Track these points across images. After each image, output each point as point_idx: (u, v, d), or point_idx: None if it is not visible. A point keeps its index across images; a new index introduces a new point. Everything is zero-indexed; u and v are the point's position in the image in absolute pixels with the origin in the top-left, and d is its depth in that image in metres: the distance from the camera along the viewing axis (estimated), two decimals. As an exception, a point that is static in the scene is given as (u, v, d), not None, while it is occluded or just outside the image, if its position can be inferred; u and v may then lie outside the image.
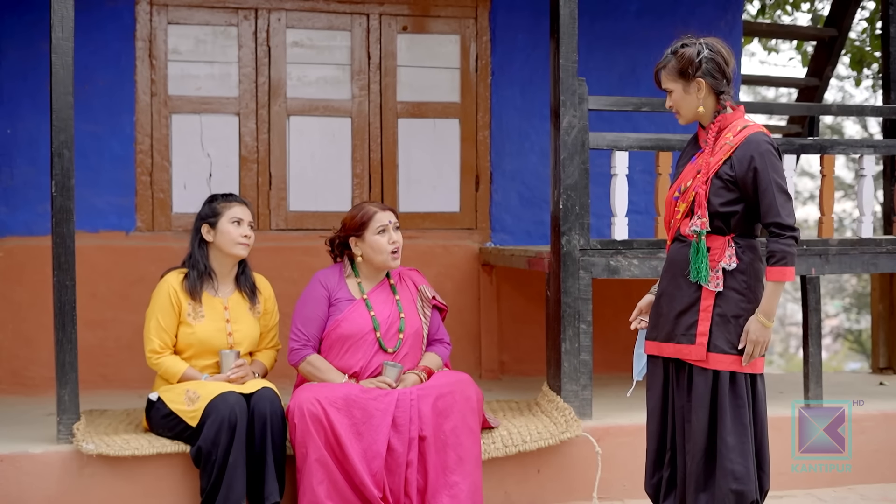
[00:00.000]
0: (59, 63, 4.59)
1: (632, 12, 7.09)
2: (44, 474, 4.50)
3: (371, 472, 4.37)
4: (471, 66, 6.87)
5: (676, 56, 3.81)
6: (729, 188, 3.73)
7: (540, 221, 6.74)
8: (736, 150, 3.72)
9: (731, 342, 3.75)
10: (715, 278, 3.74)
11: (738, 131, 3.75)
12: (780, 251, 3.67)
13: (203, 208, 4.76)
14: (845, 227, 19.57)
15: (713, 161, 3.75)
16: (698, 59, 3.76)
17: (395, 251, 4.71)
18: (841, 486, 5.26)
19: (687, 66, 3.77)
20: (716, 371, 3.75)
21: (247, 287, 4.79)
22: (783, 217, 3.67)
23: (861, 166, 5.76)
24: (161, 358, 4.59)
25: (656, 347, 3.92)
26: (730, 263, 3.74)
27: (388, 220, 4.72)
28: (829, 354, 21.94)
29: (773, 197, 3.67)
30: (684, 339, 3.79)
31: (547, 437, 4.87)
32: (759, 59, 18.89)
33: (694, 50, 3.77)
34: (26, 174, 6.23)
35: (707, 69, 3.76)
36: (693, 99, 3.80)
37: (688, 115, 3.85)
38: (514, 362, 6.84)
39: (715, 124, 3.81)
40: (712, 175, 3.75)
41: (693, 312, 3.78)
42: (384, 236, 4.70)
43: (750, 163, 3.69)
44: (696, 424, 3.77)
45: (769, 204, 3.68)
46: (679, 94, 3.82)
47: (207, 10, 6.50)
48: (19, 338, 6.17)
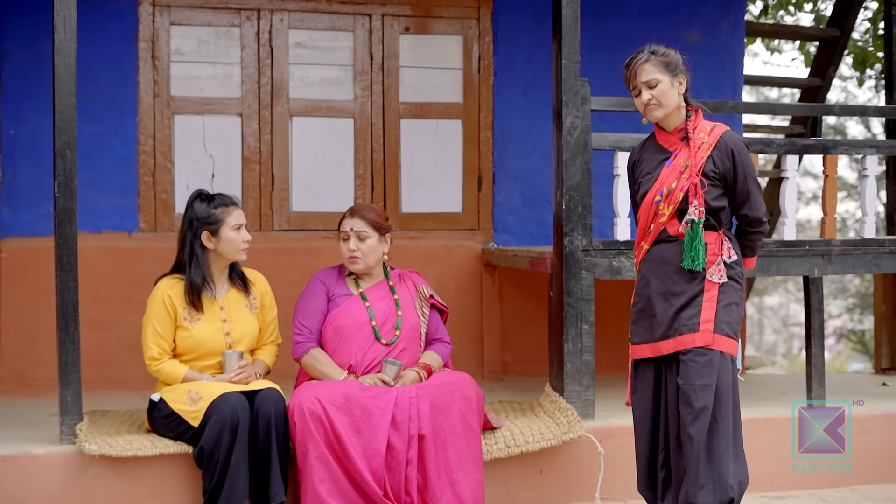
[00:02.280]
0: (61, 64, 4.60)
1: (634, 13, 7.09)
2: (46, 475, 4.50)
3: (371, 469, 4.38)
4: (473, 66, 6.87)
5: (660, 53, 3.96)
6: (715, 184, 3.90)
7: (542, 222, 6.74)
8: (715, 148, 3.90)
9: (734, 328, 3.90)
10: (718, 271, 3.88)
11: (709, 130, 3.93)
12: (754, 244, 4.02)
13: (198, 210, 4.63)
14: (848, 227, 19.57)
15: (698, 159, 3.89)
16: (681, 57, 3.98)
17: (353, 258, 4.74)
18: (843, 487, 5.26)
19: (671, 62, 3.95)
20: (721, 353, 3.85)
21: (238, 280, 4.77)
22: (758, 210, 3.94)
23: (864, 167, 5.76)
24: (161, 364, 4.59)
25: (650, 349, 3.97)
26: (730, 256, 3.91)
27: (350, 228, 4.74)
28: (831, 355, 21.94)
29: (750, 191, 3.92)
30: (686, 329, 3.86)
31: (549, 438, 4.87)
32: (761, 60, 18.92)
33: (672, 50, 3.98)
34: (29, 175, 6.24)
35: (683, 69, 3.97)
36: (675, 93, 3.96)
37: (668, 109, 3.98)
38: (517, 363, 6.84)
39: (685, 126, 3.97)
40: (698, 173, 3.89)
41: (696, 304, 3.88)
42: (345, 244, 4.75)
43: (731, 158, 3.89)
44: (701, 403, 3.80)
45: (746, 197, 3.93)
46: (666, 86, 3.95)
47: (210, 11, 6.50)
48: (22, 339, 6.18)
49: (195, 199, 4.69)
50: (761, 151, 5.67)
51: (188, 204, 4.69)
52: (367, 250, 4.76)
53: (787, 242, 5.51)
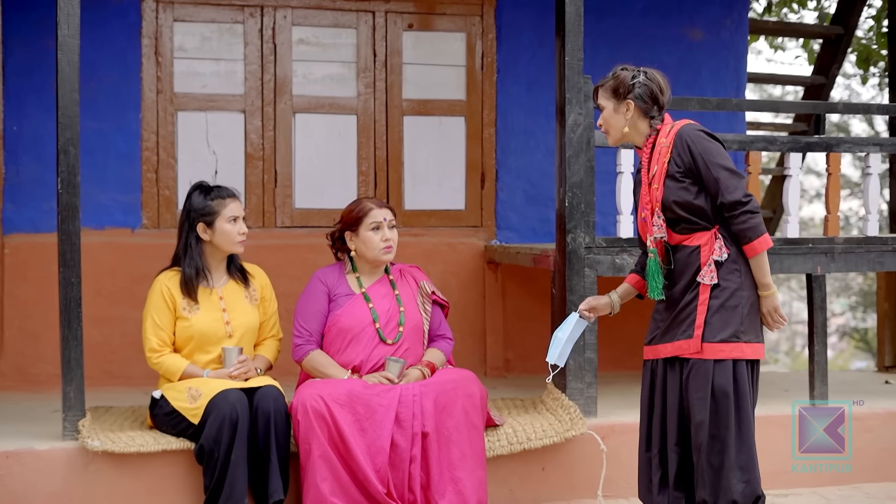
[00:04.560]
0: (64, 60, 4.60)
1: (637, 10, 7.09)
2: (49, 471, 4.51)
3: (375, 467, 4.37)
4: (476, 63, 6.87)
5: (614, 76, 3.97)
6: (684, 183, 3.82)
7: (545, 219, 6.74)
8: (673, 147, 3.83)
9: (730, 331, 3.78)
10: (710, 272, 3.79)
11: (668, 133, 3.88)
12: (741, 231, 3.77)
13: (195, 201, 4.65)
14: (851, 225, 19.54)
15: (658, 167, 3.85)
16: (632, 82, 3.92)
17: (388, 248, 4.73)
18: (846, 485, 5.26)
19: (619, 87, 3.93)
20: (716, 361, 3.77)
21: (237, 272, 4.78)
22: (732, 194, 3.74)
23: (867, 164, 5.75)
24: (161, 357, 4.59)
25: (651, 351, 3.96)
26: (721, 255, 3.79)
27: (384, 218, 4.73)
28: (834, 353, 21.92)
29: (717, 178, 3.76)
30: (683, 335, 3.83)
31: (552, 435, 4.87)
32: (765, 57, 18.87)
33: (629, 74, 3.95)
34: (32, 171, 6.24)
35: (638, 93, 3.91)
36: (620, 118, 3.94)
37: (615, 134, 3.97)
38: (519, 360, 6.84)
39: (648, 142, 3.93)
40: (663, 180, 3.83)
41: (691, 308, 3.83)
42: (377, 233, 4.72)
43: (689, 151, 3.80)
44: (699, 417, 3.78)
45: (715, 184, 3.77)
46: (609, 112, 3.96)
47: (213, 8, 6.50)
48: (25, 335, 6.18)
49: (194, 190, 4.71)
50: (764, 149, 5.67)
51: (187, 195, 4.72)
52: (396, 240, 4.78)
53: (790, 240, 5.51)
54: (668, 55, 6.95)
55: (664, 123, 3.94)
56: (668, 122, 3.94)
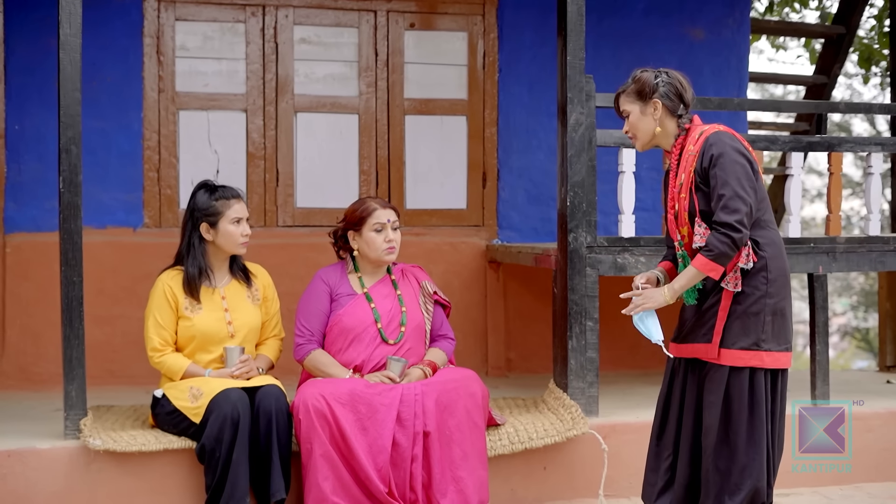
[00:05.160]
0: (66, 59, 4.60)
1: (639, 10, 7.09)
2: (51, 470, 4.51)
3: (376, 466, 4.37)
4: (478, 63, 6.87)
5: (635, 80, 3.94)
6: (708, 193, 3.78)
7: (547, 219, 6.74)
8: (699, 156, 3.79)
9: (751, 340, 3.76)
10: (734, 279, 3.77)
11: (696, 139, 3.83)
12: (713, 245, 3.69)
13: (199, 201, 4.64)
14: (853, 224, 19.51)
15: (685, 176, 3.81)
16: (655, 81, 3.89)
17: (391, 249, 4.73)
18: (847, 485, 5.26)
19: (644, 88, 3.90)
20: (732, 367, 3.76)
21: (240, 272, 4.77)
22: (726, 215, 3.68)
23: (869, 164, 5.75)
24: (163, 356, 4.58)
25: (675, 348, 3.96)
26: (747, 263, 3.76)
27: (387, 219, 4.73)
28: (836, 352, 21.89)
29: (723, 193, 3.70)
30: (703, 339, 3.83)
31: (553, 435, 4.87)
32: (767, 57, 18.83)
33: (651, 74, 3.92)
34: (34, 170, 6.24)
35: (663, 91, 3.88)
36: (649, 120, 3.91)
37: (644, 138, 3.94)
38: (521, 359, 6.84)
39: (677, 144, 3.89)
40: (689, 190, 3.80)
41: (712, 313, 3.82)
42: (380, 234, 4.71)
43: (710, 160, 3.75)
44: (710, 421, 3.78)
45: (718, 200, 3.71)
46: (636, 116, 3.92)
47: (215, 7, 6.50)
48: (27, 334, 6.18)
49: (199, 189, 4.70)
50: (766, 149, 5.67)
51: (192, 193, 4.71)
52: (399, 241, 4.77)
53: (791, 240, 5.50)
54: (669, 55, 6.94)
55: (693, 125, 3.90)
56: (698, 125, 3.90)
